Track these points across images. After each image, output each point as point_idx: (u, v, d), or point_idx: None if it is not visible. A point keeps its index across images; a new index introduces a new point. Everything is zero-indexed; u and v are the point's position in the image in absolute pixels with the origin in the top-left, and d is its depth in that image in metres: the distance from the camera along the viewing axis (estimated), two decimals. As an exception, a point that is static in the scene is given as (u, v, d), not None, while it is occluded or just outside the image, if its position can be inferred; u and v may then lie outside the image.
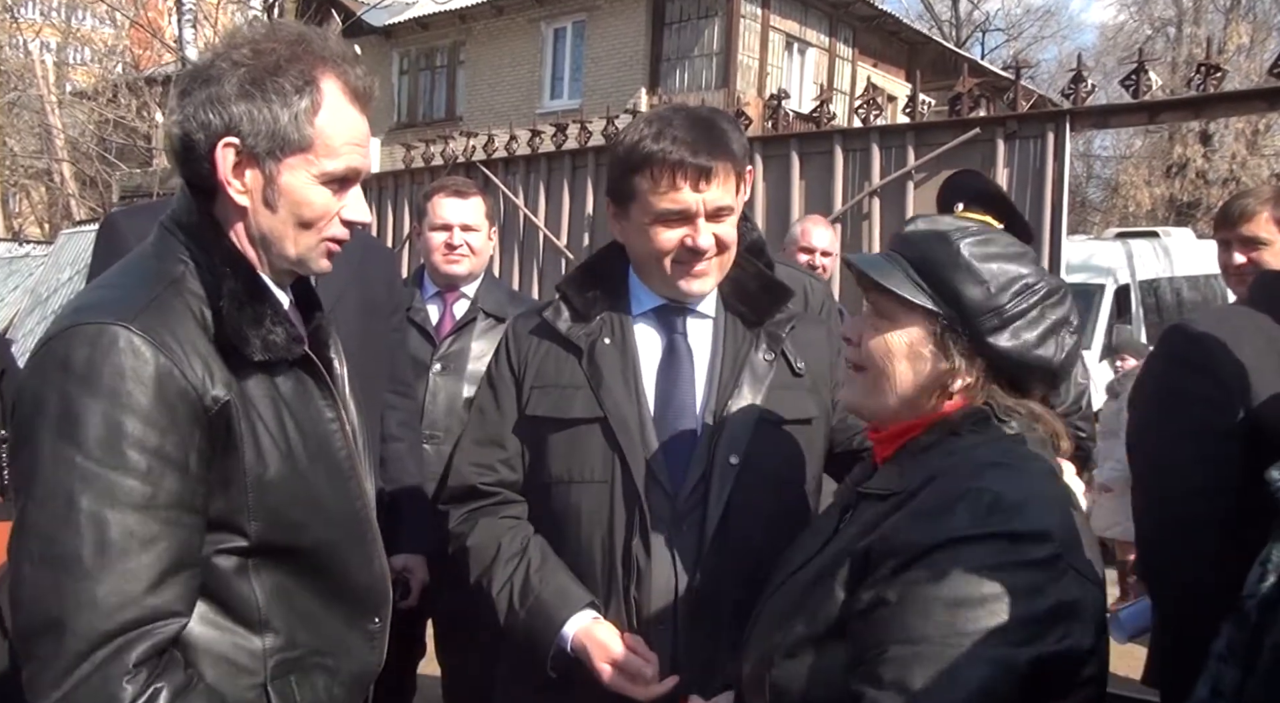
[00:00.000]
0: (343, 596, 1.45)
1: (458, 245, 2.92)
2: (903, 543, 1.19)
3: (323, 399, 1.43)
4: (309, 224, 1.39)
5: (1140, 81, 4.43)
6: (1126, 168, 23.17)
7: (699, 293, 1.74)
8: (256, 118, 1.33)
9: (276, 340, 1.35)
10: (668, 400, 1.71)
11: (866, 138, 5.21)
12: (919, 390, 1.33)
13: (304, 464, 1.37)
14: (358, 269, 2.39)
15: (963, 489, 1.19)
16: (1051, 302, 1.31)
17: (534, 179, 6.52)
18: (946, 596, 1.13)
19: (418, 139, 7.78)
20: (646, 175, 1.65)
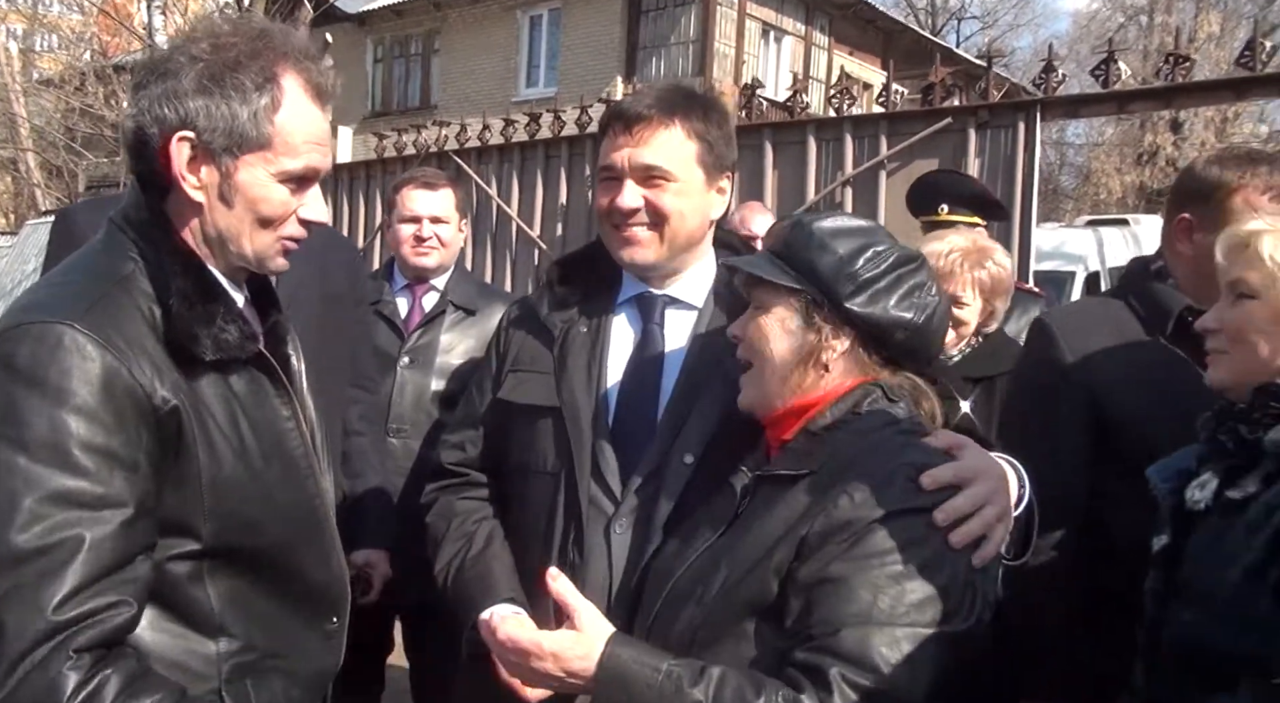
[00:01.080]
0: (300, 596, 1.44)
1: (427, 238, 2.89)
2: (844, 520, 1.23)
3: (278, 397, 1.42)
4: (267, 222, 1.37)
5: (1110, 71, 4.44)
6: (1098, 155, 23.36)
7: (636, 262, 1.66)
8: (214, 114, 1.30)
9: (229, 339, 1.33)
10: (630, 394, 1.66)
11: (840, 127, 5.19)
12: (795, 363, 1.38)
13: (259, 464, 1.35)
14: (318, 262, 2.36)
15: (895, 465, 1.27)
16: (906, 268, 1.39)
17: (507, 169, 6.47)
18: (891, 570, 1.20)
19: (391, 128, 7.70)
20: (603, 133, 1.67)
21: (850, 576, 1.19)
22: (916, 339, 1.39)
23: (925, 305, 1.38)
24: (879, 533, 1.21)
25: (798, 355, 1.38)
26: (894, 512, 1.22)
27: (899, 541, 1.21)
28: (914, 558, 1.20)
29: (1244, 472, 1.38)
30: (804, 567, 1.23)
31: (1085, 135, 24.95)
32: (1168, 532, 1.48)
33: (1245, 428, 1.40)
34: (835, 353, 1.37)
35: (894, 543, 1.20)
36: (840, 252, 1.37)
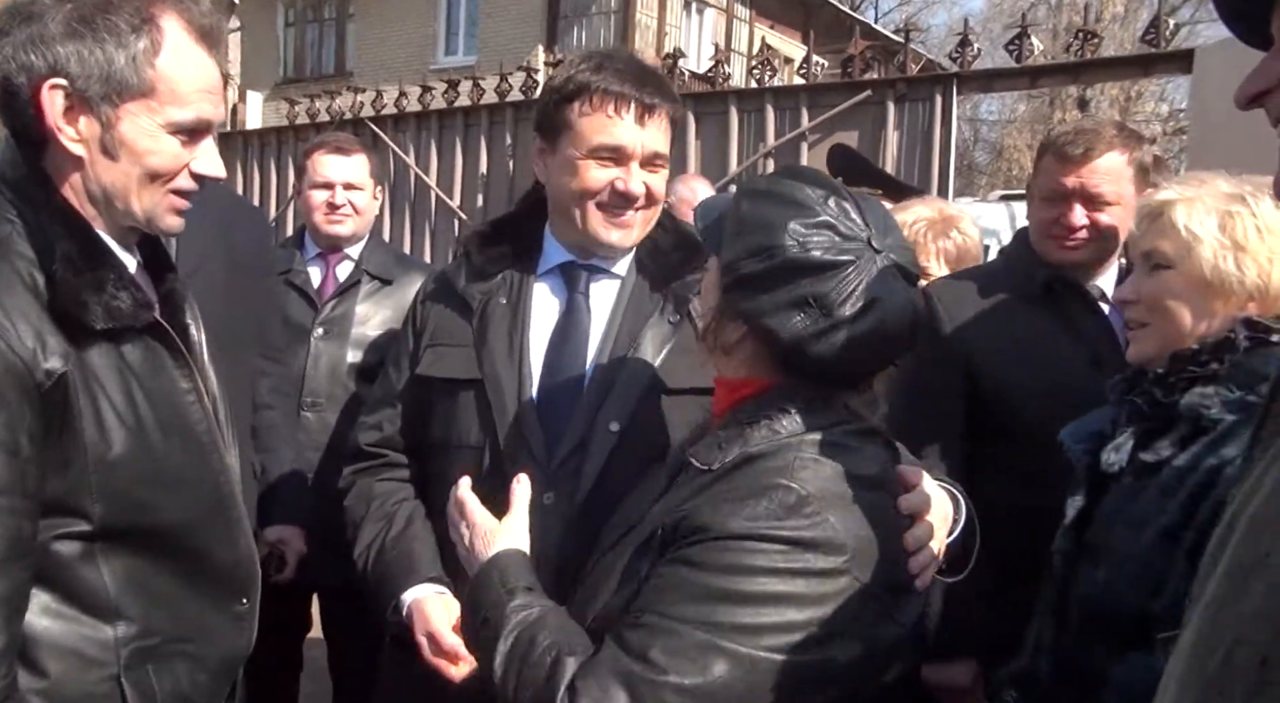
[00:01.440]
0: (205, 577, 1.37)
1: (340, 205, 2.79)
2: (701, 523, 1.16)
3: (177, 369, 1.34)
4: (155, 176, 1.28)
5: (1023, 46, 4.52)
6: (1010, 132, 23.97)
7: (619, 245, 1.62)
8: (87, 59, 1.21)
9: (120, 306, 1.25)
10: (555, 363, 1.62)
11: (761, 99, 5.20)
12: (705, 332, 1.29)
13: (156, 439, 1.28)
14: (223, 229, 2.26)
15: (772, 483, 1.15)
16: (802, 278, 1.17)
17: (425, 137, 6.32)
18: (718, 586, 1.12)
19: (304, 94, 7.45)
20: (584, 103, 1.55)
21: (684, 576, 1.14)
22: (794, 355, 1.19)
23: (800, 325, 1.17)
24: (722, 546, 1.13)
25: (706, 324, 1.29)
26: (745, 533, 1.13)
27: (740, 562, 1.12)
28: (752, 584, 1.11)
29: (1158, 435, 1.39)
30: (663, 558, 1.19)
31: (998, 112, 25.58)
32: (1082, 493, 1.49)
33: (1160, 391, 1.41)
34: (730, 337, 1.25)
35: (734, 562, 1.12)
36: (743, 240, 1.22)
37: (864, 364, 1.21)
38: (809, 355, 1.18)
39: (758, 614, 1.11)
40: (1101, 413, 1.56)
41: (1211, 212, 1.40)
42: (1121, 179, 2.01)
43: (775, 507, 1.13)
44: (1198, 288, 1.41)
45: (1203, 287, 1.40)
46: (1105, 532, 1.41)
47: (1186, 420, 1.36)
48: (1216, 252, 1.39)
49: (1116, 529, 1.39)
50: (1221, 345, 1.38)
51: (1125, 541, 1.35)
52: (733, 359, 1.27)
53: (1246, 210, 1.38)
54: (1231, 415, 1.33)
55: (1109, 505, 1.44)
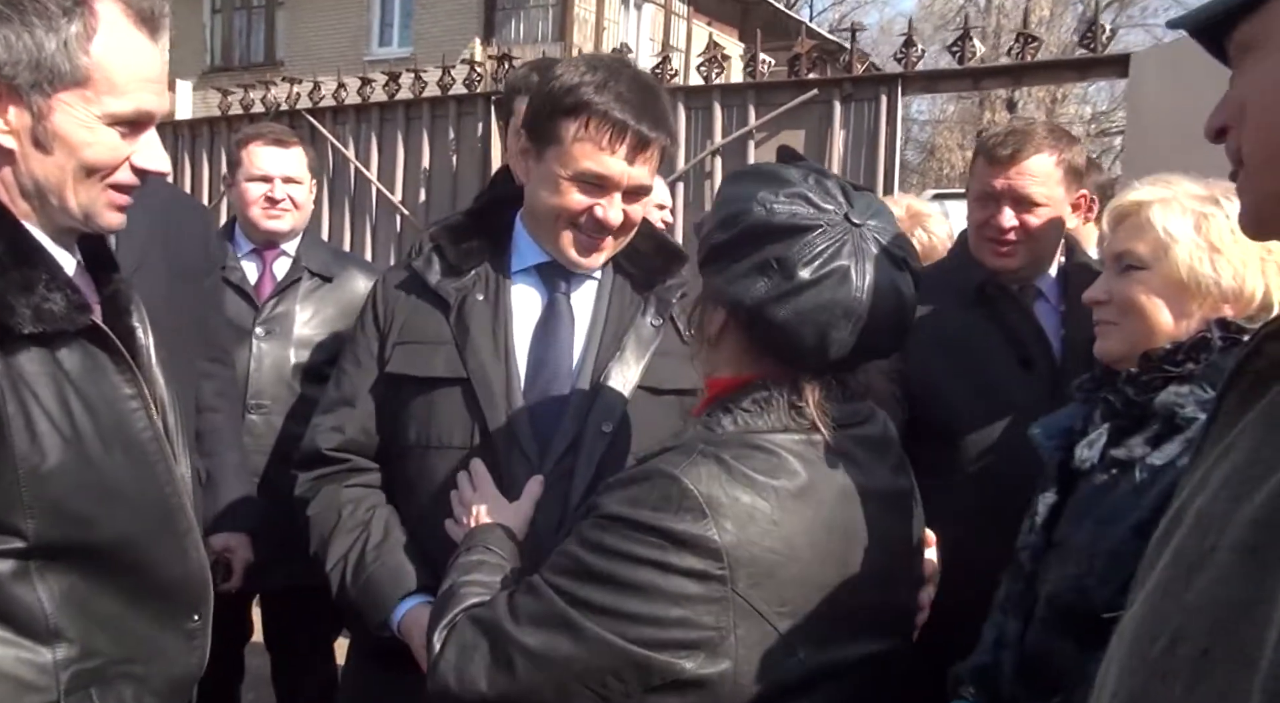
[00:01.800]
0: (152, 594, 1.31)
1: (279, 199, 2.70)
2: (595, 502, 1.17)
3: (119, 374, 1.27)
4: (92, 170, 1.21)
5: (965, 48, 4.58)
6: (941, 131, 24.47)
7: (588, 267, 1.63)
8: (14, 45, 1.14)
9: (53, 309, 1.17)
10: (541, 363, 1.61)
11: (708, 96, 5.19)
12: (694, 326, 1.28)
13: (96, 450, 1.21)
14: (165, 226, 2.17)
15: (660, 471, 1.12)
16: (768, 241, 1.13)
17: (365, 130, 6.17)
18: (586, 562, 1.13)
19: (235, 84, 7.21)
20: (580, 123, 1.51)
21: (566, 548, 1.17)
22: (758, 326, 1.14)
23: (763, 284, 1.13)
24: (600, 526, 1.14)
25: (690, 321, 1.29)
26: (618, 515, 1.12)
27: (611, 543, 1.11)
28: (617, 568, 1.10)
29: (1131, 432, 1.40)
30: None
31: (928, 112, 26.09)
32: (1054, 489, 1.49)
33: (1133, 390, 1.41)
34: (712, 328, 1.22)
35: (606, 542, 1.12)
36: (714, 218, 1.20)
37: (834, 342, 1.13)
38: (770, 322, 1.13)
39: (612, 597, 1.10)
40: (1071, 410, 1.56)
41: (1188, 212, 1.40)
42: (1050, 180, 2.00)
43: (655, 496, 1.10)
44: (1173, 289, 1.41)
45: (1178, 288, 1.40)
46: (1075, 528, 1.41)
47: (1160, 419, 1.36)
48: (1193, 253, 1.39)
49: (1087, 525, 1.38)
50: (1197, 346, 1.38)
51: (1096, 537, 1.35)
52: (719, 352, 1.24)
53: (1220, 212, 1.38)
54: (1205, 415, 1.34)
55: (1079, 502, 1.44)
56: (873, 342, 1.16)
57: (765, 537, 1.10)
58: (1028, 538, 1.51)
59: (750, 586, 1.09)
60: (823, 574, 1.15)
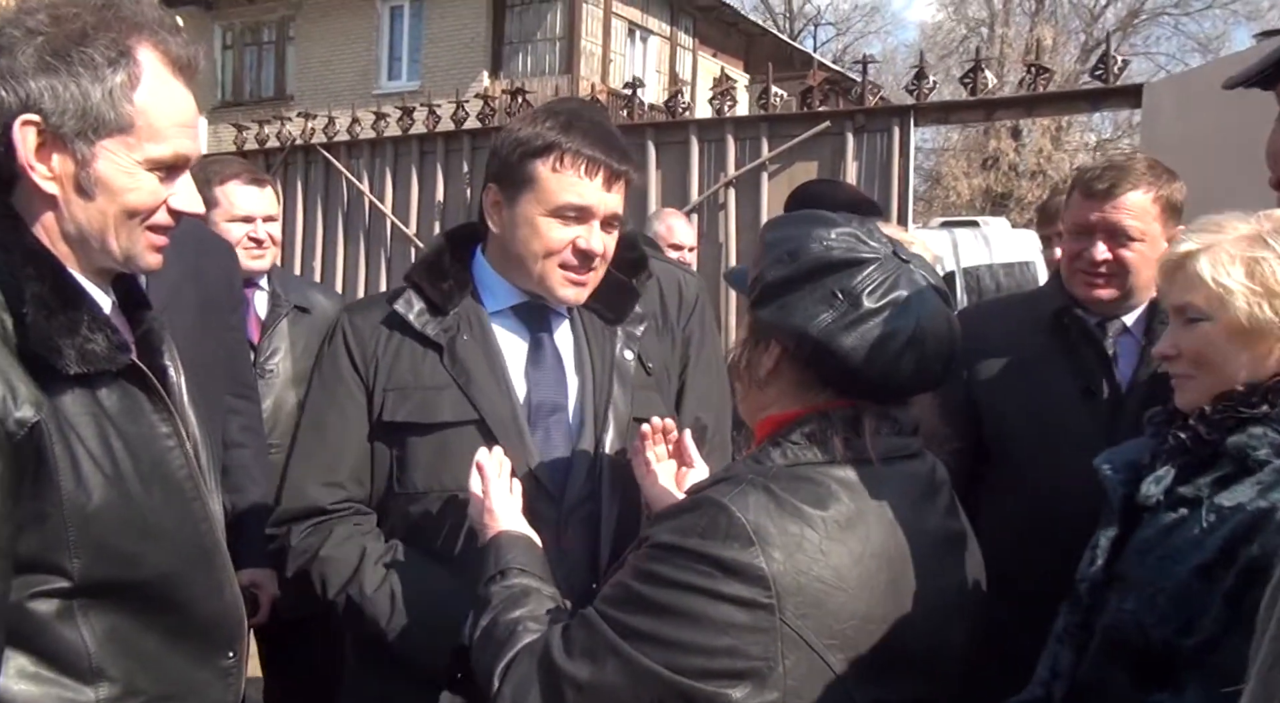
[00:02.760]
0: (189, 631, 1.30)
1: (262, 239, 2.74)
2: (646, 533, 1.18)
3: (156, 413, 1.27)
4: (133, 214, 1.23)
5: (977, 79, 4.63)
6: (947, 160, 24.60)
7: (574, 301, 1.64)
8: (61, 94, 1.15)
9: (95, 350, 1.18)
10: (540, 400, 1.62)
11: (721, 128, 5.23)
12: (740, 369, 1.28)
13: (136, 488, 1.22)
14: (194, 264, 2.19)
15: (708, 500, 1.13)
16: (830, 275, 1.17)
17: (380, 164, 6.23)
18: (635, 590, 1.13)
19: (246, 118, 7.30)
20: (551, 161, 1.55)
21: (618, 579, 1.18)
22: (824, 356, 1.16)
23: (829, 315, 1.15)
24: (651, 556, 1.14)
25: (736, 363, 1.29)
26: (667, 543, 1.13)
27: (662, 572, 1.11)
28: (667, 596, 1.10)
29: (1199, 471, 1.37)
30: None
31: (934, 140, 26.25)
32: (1117, 523, 1.46)
33: (1205, 428, 1.39)
34: (764, 367, 1.23)
35: (657, 571, 1.12)
36: (766, 257, 1.23)
37: (897, 370, 1.16)
38: (837, 350, 1.15)
39: (659, 625, 1.10)
40: (1139, 443, 1.54)
41: (1236, 260, 1.37)
42: (1147, 216, 2.02)
43: (703, 524, 1.11)
44: (1238, 337, 1.38)
45: (1244, 334, 1.37)
46: (1137, 564, 1.39)
47: (1231, 459, 1.34)
48: (1250, 300, 1.36)
49: (1149, 562, 1.36)
50: (1273, 388, 1.36)
51: (1158, 574, 1.33)
52: (768, 391, 1.25)
53: (1271, 254, 1.36)
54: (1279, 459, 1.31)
55: (1142, 537, 1.41)
56: (928, 371, 1.19)
57: (813, 566, 1.10)
58: (1087, 571, 1.48)
59: (798, 615, 1.09)
60: (873, 607, 1.14)
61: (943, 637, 1.22)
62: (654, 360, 1.77)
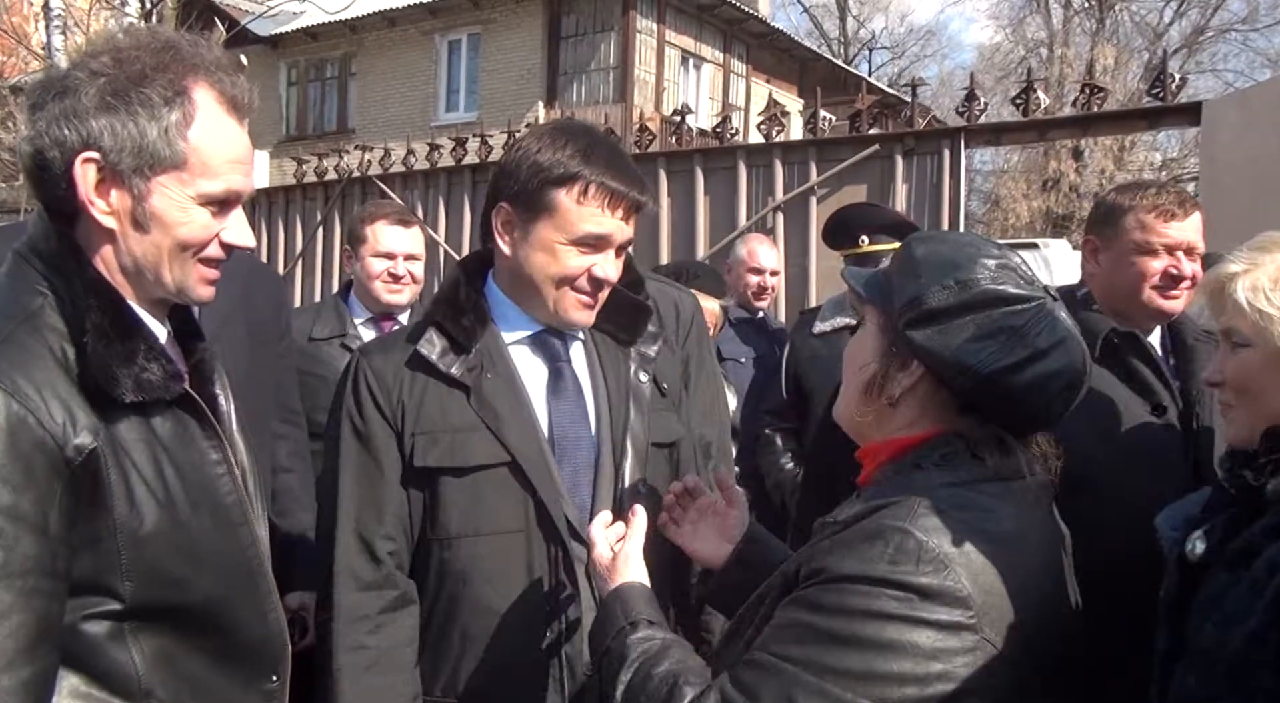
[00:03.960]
0: (235, 655, 1.33)
1: (401, 276, 2.87)
2: (818, 566, 1.14)
3: (206, 440, 1.32)
4: (186, 248, 1.27)
5: (1030, 100, 4.56)
6: (1005, 182, 24.22)
7: (584, 325, 1.66)
8: (120, 132, 1.20)
9: (151, 378, 1.23)
10: (564, 433, 1.62)
11: (769, 154, 5.24)
12: (862, 391, 1.26)
13: (186, 514, 1.25)
14: (244, 293, 2.25)
15: (890, 527, 1.12)
16: (997, 309, 1.17)
17: (433, 195, 6.36)
18: (828, 628, 1.09)
19: (310, 152, 7.50)
20: (575, 193, 1.55)
21: (797, 617, 1.13)
22: (985, 391, 1.17)
23: (998, 352, 1.15)
24: (836, 589, 1.11)
25: (866, 382, 1.26)
26: (859, 575, 1.10)
27: (853, 604, 1.09)
28: (865, 628, 1.08)
29: (1248, 521, 1.28)
30: (782, 599, 1.19)
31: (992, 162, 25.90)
32: (1175, 584, 1.36)
33: (1251, 473, 1.30)
34: (900, 386, 1.22)
35: (847, 604, 1.09)
36: (922, 277, 1.21)
37: (1048, 406, 1.19)
38: (1005, 389, 1.16)
39: (867, 660, 1.07)
40: (1200, 496, 1.45)
41: (1277, 285, 1.32)
42: (1200, 233, 2.15)
43: (891, 551, 1.09)
44: (1278, 366, 1.32)
45: None
46: (1198, 631, 1.27)
47: (1276, 506, 1.24)
48: None
49: (1208, 629, 1.24)
50: None
51: (1215, 642, 1.21)
52: (899, 411, 1.24)
53: None
54: None
55: (1202, 600, 1.29)
56: (1066, 405, 1.21)
57: (998, 583, 1.10)
58: (1158, 640, 1.36)
59: (996, 633, 1.09)
60: (1052, 621, 1.16)
61: (1086, 650, 1.24)
62: (667, 380, 1.77)
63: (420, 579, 1.61)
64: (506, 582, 1.54)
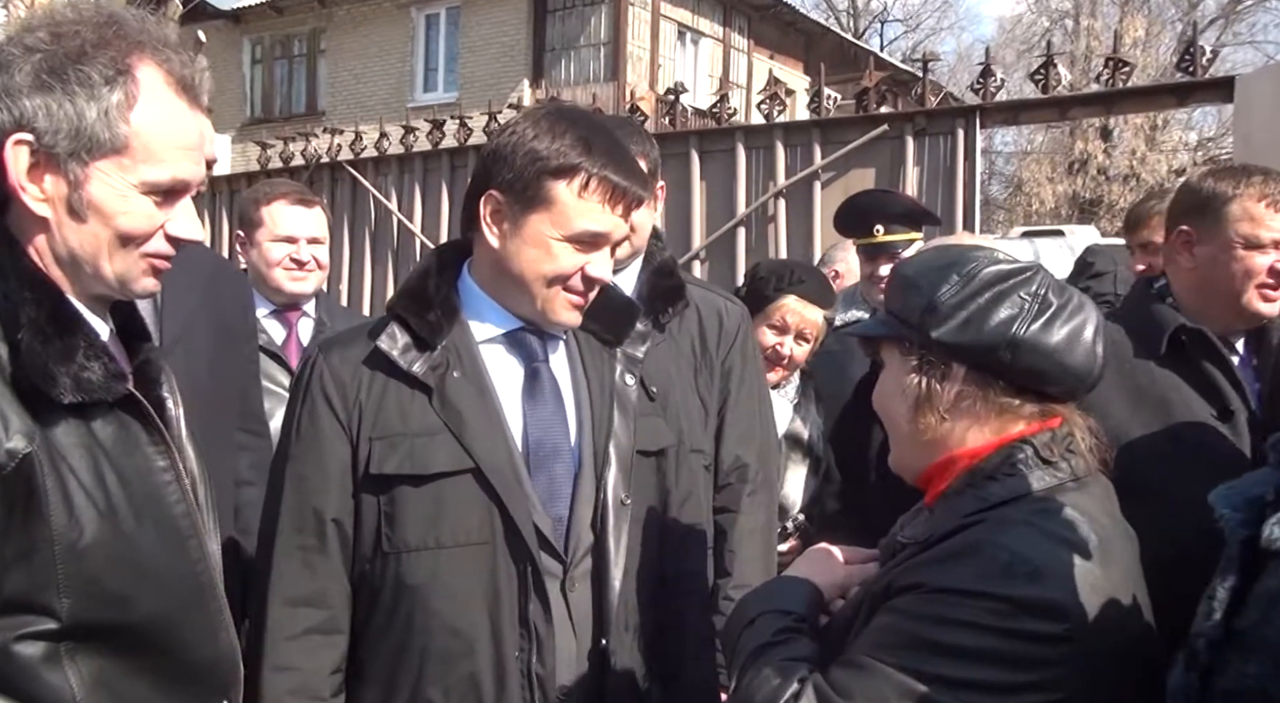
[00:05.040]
0: (182, 677, 1.32)
1: (305, 261, 2.79)
2: (913, 581, 1.24)
3: (152, 446, 1.30)
4: (128, 240, 1.26)
5: (1050, 76, 4.58)
6: (1029, 164, 24.26)
7: (572, 325, 1.64)
8: (55, 113, 1.19)
9: (92, 378, 1.21)
10: (540, 440, 1.60)
11: (770, 135, 5.25)
12: (913, 418, 1.35)
13: (129, 525, 1.24)
14: (209, 295, 2.24)
15: (981, 542, 1.22)
16: (1005, 283, 1.31)
17: (408, 180, 6.36)
18: (924, 635, 1.19)
19: (274, 136, 7.50)
20: (575, 186, 1.54)
21: (893, 623, 1.23)
22: (1028, 356, 1.29)
23: (1028, 315, 1.28)
24: (933, 599, 1.21)
25: (912, 407, 1.35)
26: (957, 588, 1.20)
27: (950, 614, 1.19)
28: (960, 638, 1.17)
29: None
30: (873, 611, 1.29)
31: (1015, 143, 25.94)
32: (1236, 572, 1.33)
33: None
34: (948, 394, 1.32)
35: (944, 614, 1.19)
36: (923, 286, 1.35)
37: (1095, 359, 1.31)
38: (1046, 345, 1.27)
39: (961, 669, 1.16)
40: (1262, 475, 1.42)
41: None
42: None
43: (984, 564, 1.19)
44: None
45: None
46: (1261, 619, 1.25)
47: None
48: None
49: (1275, 619, 1.23)
50: None
51: None
52: (957, 423, 1.33)
53: None
54: None
55: (1267, 588, 1.27)
56: (1092, 375, 1.33)
57: (1093, 593, 1.20)
58: (1204, 624, 1.35)
59: (1090, 645, 1.17)
60: (1138, 628, 1.25)
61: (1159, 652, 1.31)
62: (657, 383, 1.76)
63: (376, 595, 1.58)
64: (470, 598, 1.53)
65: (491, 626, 1.54)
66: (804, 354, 2.76)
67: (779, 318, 2.69)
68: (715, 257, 5.43)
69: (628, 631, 1.62)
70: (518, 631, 1.53)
